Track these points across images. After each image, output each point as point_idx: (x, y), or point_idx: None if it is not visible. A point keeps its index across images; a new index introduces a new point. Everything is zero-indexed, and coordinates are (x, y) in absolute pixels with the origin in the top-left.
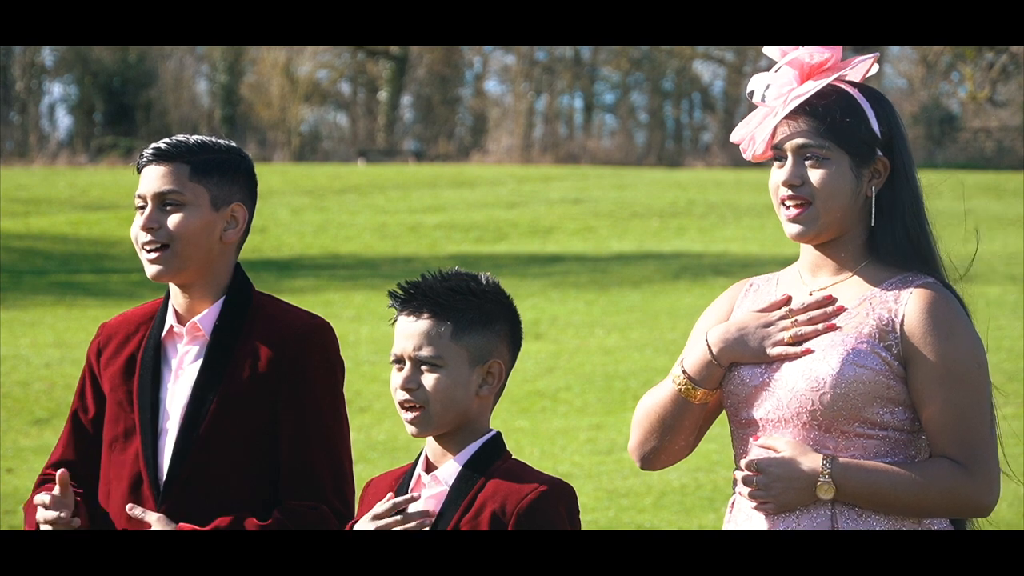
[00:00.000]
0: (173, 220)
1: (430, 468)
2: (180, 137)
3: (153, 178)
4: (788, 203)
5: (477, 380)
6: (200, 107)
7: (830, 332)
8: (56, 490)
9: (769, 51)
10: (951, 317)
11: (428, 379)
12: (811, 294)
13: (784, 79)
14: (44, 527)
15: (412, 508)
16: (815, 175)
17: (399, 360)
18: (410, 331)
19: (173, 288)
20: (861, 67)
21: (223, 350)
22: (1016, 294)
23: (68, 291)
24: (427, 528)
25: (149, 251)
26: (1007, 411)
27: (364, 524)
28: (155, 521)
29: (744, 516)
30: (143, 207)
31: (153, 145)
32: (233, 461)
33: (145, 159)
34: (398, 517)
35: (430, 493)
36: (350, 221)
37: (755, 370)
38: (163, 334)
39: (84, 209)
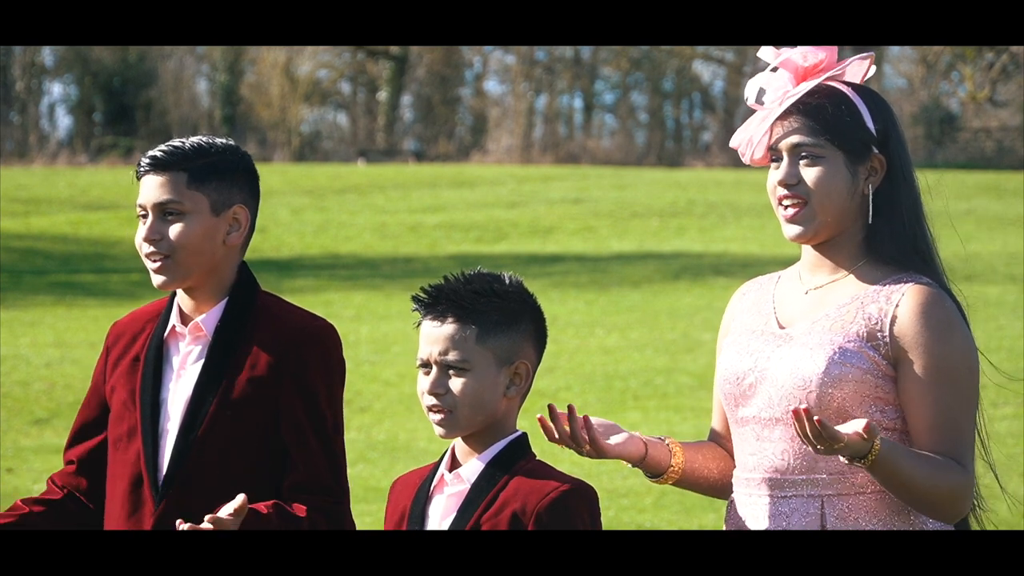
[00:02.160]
0: (174, 230)
1: (455, 466)
2: (176, 143)
3: (152, 188)
4: (785, 202)
5: (504, 381)
6: (200, 107)
7: (811, 332)
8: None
9: (764, 53)
10: (945, 318)
11: (455, 383)
12: (807, 292)
13: (779, 81)
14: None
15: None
16: (810, 173)
17: (426, 365)
18: (436, 336)
19: (178, 289)
20: (857, 67)
21: (224, 351)
22: (1016, 294)
23: (68, 291)
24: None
25: (153, 261)
26: (1007, 411)
27: None
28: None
29: (742, 516)
30: (144, 216)
31: (150, 153)
32: (232, 462)
33: (143, 168)
34: None
35: (452, 491)
36: (350, 221)
37: (747, 368)
38: (166, 333)
39: (84, 209)
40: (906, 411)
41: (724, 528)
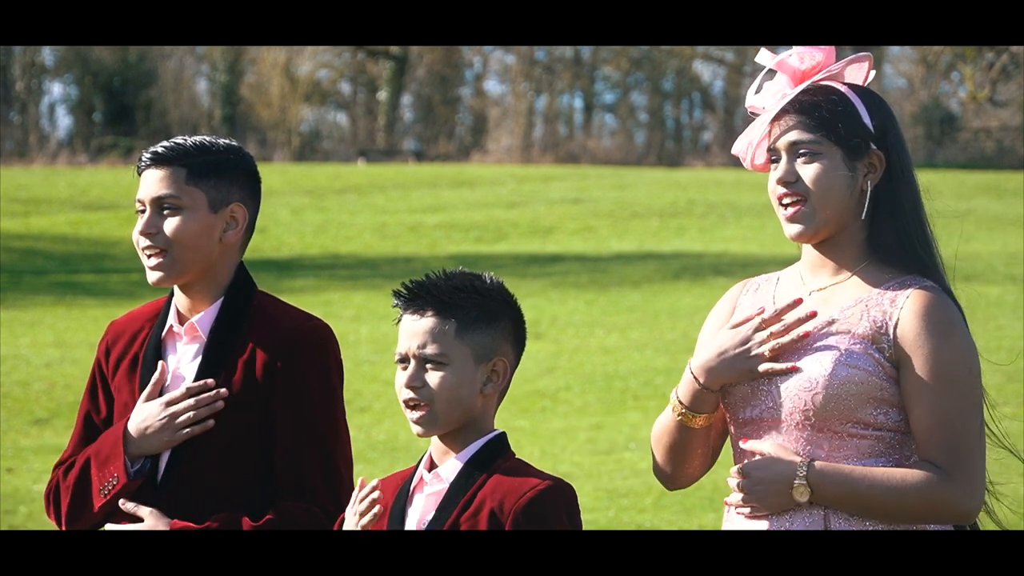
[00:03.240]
0: (170, 225)
1: (433, 467)
2: (178, 139)
3: (151, 182)
4: (785, 201)
5: (481, 378)
6: (200, 107)
7: (816, 334)
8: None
9: (762, 58)
10: (946, 321)
11: (433, 377)
12: (810, 294)
13: (778, 85)
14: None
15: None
16: (808, 170)
17: (404, 359)
18: (415, 329)
19: (175, 287)
20: (857, 70)
21: (220, 351)
22: (1016, 294)
23: (68, 291)
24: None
25: (149, 256)
26: (1007, 411)
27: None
28: (147, 515)
29: (742, 516)
30: (143, 211)
31: (151, 148)
32: (228, 462)
33: (143, 163)
34: None
35: (432, 490)
36: (350, 221)
37: None
38: (164, 333)
39: (84, 209)
40: (908, 414)
41: (723, 528)
